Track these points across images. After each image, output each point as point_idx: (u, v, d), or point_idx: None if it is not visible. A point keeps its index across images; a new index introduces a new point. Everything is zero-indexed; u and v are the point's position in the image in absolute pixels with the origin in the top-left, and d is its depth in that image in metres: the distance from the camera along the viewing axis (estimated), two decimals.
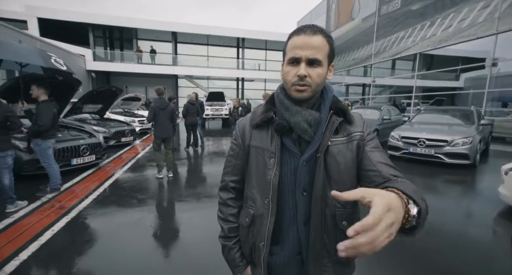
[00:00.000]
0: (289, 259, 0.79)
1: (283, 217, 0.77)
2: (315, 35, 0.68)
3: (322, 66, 0.69)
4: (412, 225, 0.49)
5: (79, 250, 2.30)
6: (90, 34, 16.47)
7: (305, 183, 0.74)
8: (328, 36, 0.71)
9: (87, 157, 4.57)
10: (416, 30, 10.07)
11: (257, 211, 0.79)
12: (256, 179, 0.80)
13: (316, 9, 18.85)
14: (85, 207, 3.19)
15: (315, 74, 0.69)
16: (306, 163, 0.74)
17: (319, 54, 0.68)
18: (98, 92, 6.57)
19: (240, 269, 0.87)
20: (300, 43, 0.69)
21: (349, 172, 0.74)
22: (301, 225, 0.75)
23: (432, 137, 5.31)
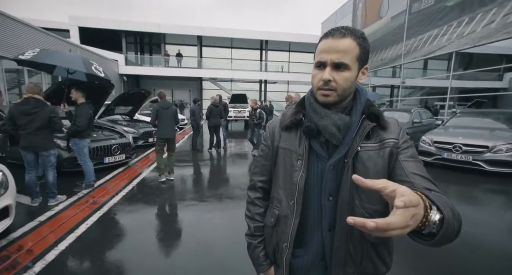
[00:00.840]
0: (312, 264, 0.78)
1: (308, 220, 0.77)
2: (343, 38, 0.66)
3: (349, 70, 0.67)
4: (431, 231, 0.48)
5: (109, 243, 2.44)
6: (123, 40, 17.59)
7: (331, 188, 0.73)
8: (359, 37, 0.68)
9: (117, 156, 4.87)
10: (452, 27, 9.37)
11: (282, 212, 0.80)
12: (282, 180, 0.81)
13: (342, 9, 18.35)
14: (115, 203, 3.39)
15: (341, 79, 0.67)
16: (333, 167, 0.72)
17: (346, 57, 0.66)
18: (129, 94, 6.98)
19: (263, 268, 0.88)
20: (326, 46, 0.67)
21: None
22: (326, 231, 0.74)
23: (470, 142, 4.89)
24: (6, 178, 2.47)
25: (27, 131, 3.03)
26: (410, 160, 0.70)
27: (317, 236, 0.76)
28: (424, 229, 0.47)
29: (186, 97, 20.89)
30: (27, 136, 3.05)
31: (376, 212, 0.70)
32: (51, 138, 3.29)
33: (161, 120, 4.19)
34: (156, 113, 4.15)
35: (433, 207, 0.49)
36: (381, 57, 13.23)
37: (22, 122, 3.01)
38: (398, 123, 0.76)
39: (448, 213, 0.50)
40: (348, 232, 0.71)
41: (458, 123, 6.05)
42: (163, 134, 4.26)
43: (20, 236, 2.51)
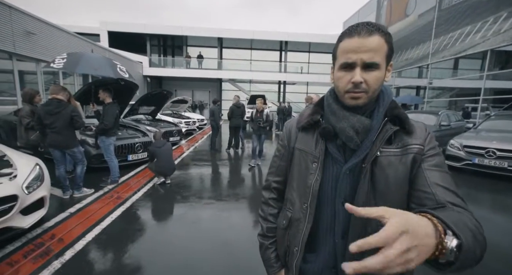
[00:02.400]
0: (323, 271, 0.75)
1: (321, 225, 0.74)
2: (371, 36, 0.61)
3: (380, 69, 0.63)
4: (449, 260, 0.43)
5: (132, 237, 2.57)
6: (147, 42, 18.39)
7: (346, 193, 0.69)
8: (385, 33, 0.63)
9: (140, 154, 5.09)
10: (488, 23, 8.73)
11: (295, 215, 0.78)
12: (297, 182, 0.79)
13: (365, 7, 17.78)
14: (137, 199, 3.55)
15: (373, 79, 0.63)
16: (350, 172, 0.68)
17: (377, 56, 0.61)
18: (152, 95, 7.28)
19: (274, 270, 0.87)
20: (353, 46, 0.62)
21: (398, 188, 0.65)
22: (339, 238, 0.70)
23: (506, 147, 4.53)
24: (42, 172, 2.68)
25: (53, 130, 3.26)
26: (435, 169, 0.64)
27: (330, 242, 0.73)
28: (442, 258, 0.42)
29: (205, 98, 21.34)
30: (52, 134, 3.28)
31: None
32: (74, 136, 3.48)
33: (159, 158, 4.06)
34: (152, 155, 4.09)
35: (448, 232, 0.44)
36: (406, 57, 12.64)
37: (48, 121, 3.24)
38: (426, 127, 0.70)
39: (468, 237, 0.44)
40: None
41: (492, 127, 5.62)
42: (163, 171, 4.15)
43: (53, 225, 2.71)
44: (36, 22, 7.40)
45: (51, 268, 2.03)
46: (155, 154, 4.07)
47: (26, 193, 2.37)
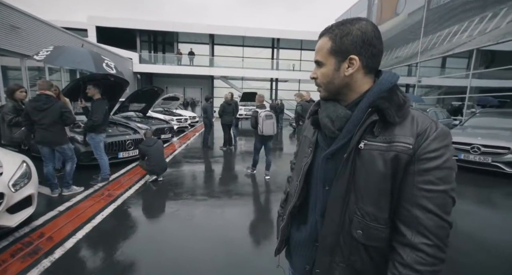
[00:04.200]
0: (306, 242, 0.83)
1: (308, 203, 0.84)
2: (320, 38, 0.73)
3: (324, 65, 0.71)
4: None
5: (124, 234, 2.53)
6: (137, 38, 17.99)
7: (326, 178, 0.75)
8: (333, 30, 0.69)
9: (131, 151, 5.02)
10: (474, 23, 8.98)
11: (290, 190, 0.93)
12: (297, 164, 0.92)
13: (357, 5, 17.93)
14: (129, 196, 3.50)
15: (320, 75, 0.74)
16: (331, 159, 0.73)
17: (318, 55, 0.72)
18: (142, 91, 7.16)
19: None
20: None
21: (377, 185, 0.65)
22: (319, 216, 0.78)
23: (490, 143, 4.70)
24: (30, 169, 2.61)
25: (41, 126, 3.17)
26: (425, 187, 0.60)
27: (313, 219, 0.80)
28: None
29: (197, 95, 21.14)
30: (41, 131, 3.19)
31: (367, 214, 0.66)
32: (64, 133, 3.41)
33: (151, 157, 4.02)
34: (143, 153, 4.06)
35: None
36: (396, 55, 12.87)
37: (36, 117, 3.15)
38: (430, 124, 0.62)
39: None
40: (339, 224, 0.70)
41: (477, 124, 5.82)
42: (155, 170, 4.08)
43: (41, 224, 2.65)
44: (21, 16, 7.12)
45: (40, 267, 1.98)
46: (146, 153, 4.02)
47: (12, 191, 2.30)
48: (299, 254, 0.86)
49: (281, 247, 0.93)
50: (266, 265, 2.10)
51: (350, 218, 0.69)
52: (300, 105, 5.63)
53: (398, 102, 0.65)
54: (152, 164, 3.99)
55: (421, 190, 0.60)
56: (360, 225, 0.68)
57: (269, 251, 2.29)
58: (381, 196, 0.65)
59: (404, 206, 0.63)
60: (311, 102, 6.11)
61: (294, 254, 0.89)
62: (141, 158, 4.14)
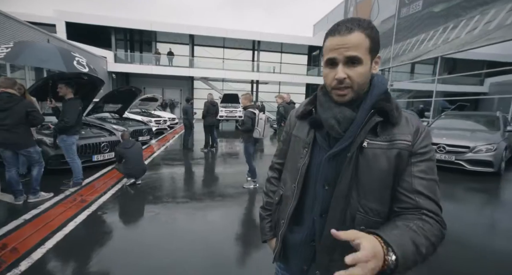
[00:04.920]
0: (303, 242, 0.82)
1: (305, 203, 0.82)
2: (351, 33, 0.64)
3: (362, 64, 0.66)
4: (391, 268, 0.54)
5: (99, 241, 2.40)
6: (112, 36, 17.20)
7: (328, 178, 0.74)
8: (366, 28, 0.66)
9: (107, 154, 4.77)
10: (438, 32, 9.74)
11: (285, 192, 0.88)
12: (290, 165, 0.88)
13: (333, 11, 18.69)
14: (104, 201, 3.33)
15: (355, 74, 0.66)
16: (333, 159, 0.73)
17: (358, 51, 0.64)
18: (118, 92, 6.85)
19: (266, 237, 0.99)
20: (335, 44, 0.66)
21: (381, 181, 0.69)
22: (317, 216, 0.77)
23: (453, 142, 5.11)
24: None
25: (3, 127, 2.90)
26: (422, 176, 0.67)
27: (310, 219, 0.80)
28: (386, 269, 0.53)
29: (177, 96, 20.64)
30: (2, 133, 2.92)
31: (371, 210, 0.70)
32: (29, 134, 3.15)
33: (128, 159, 3.85)
34: (120, 156, 3.89)
35: (389, 249, 0.54)
36: None
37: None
38: (420, 124, 0.70)
39: (406, 251, 0.56)
40: (341, 222, 0.72)
41: (442, 125, 6.29)
42: (133, 173, 3.91)
43: (3, 234, 2.43)
44: None
45: None
46: (123, 155, 3.85)
47: None
48: (296, 255, 0.85)
49: (280, 252, 0.89)
50: (250, 267, 2.11)
51: (353, 215, 0.71)
52: (282, 106, 5.73)
53: (396, 104, 0.70)
54: (130, 167, 3.83)
55: (418, 178, 0.67)
56: (363, 221, 0.70)
57: (254, 253, 2.31)
58: (384, 191, 0.69)
59: (405, 194, 0.67)
60: (291, 104, 6.25)
61: (290, 256, 0.87)
62: (118, 161, 3.95)
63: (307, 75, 20.81)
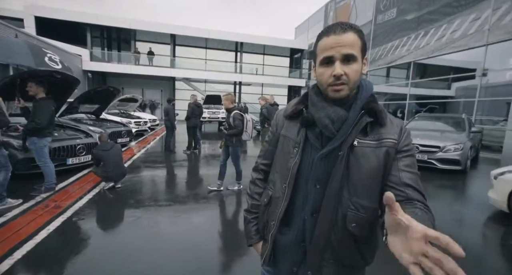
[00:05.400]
0: (293, 244, 0.81)
1: (295, 203, 0.81)
2: (345, 33, 0.68)
3: (357, 61, 0.69)
4: None
5: (75, 249, 2.28)
6: (87, 34, 16.38)
7: (319, 177, 0.75)
8: (358, 30, 0.70)
9: (83, 157, 4.54)
10: (411, 39, 10.36)
11: (275, 193, 0.86)
12: (279, 165, 0.86)
13: (314, 16, 19.19)
14: (81, 206, 3.16)
15: (352, 71, 0.68)
16: (324, 158, 0.74)
17: (354, 49, 0.68)
18: (95, 92, 6.53)
19: (252, 241, 0.95)
20: (331, 42, 0.68)
21: (371, 178, 0.72)
22: (308, 215, 0.77)
23: (425, 143, 5.44)
24: None
25: None
26: (407, 169, 0.71)
27: (300, 219, 0.79)
28: None
29: (157, 97, 20.09)
30: None
31: (362, 207, 0.72)
32: None
33: (107, 162, 3.68)
34: (98, 158, 3.70)
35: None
36: None
37: None
38: (402, 124, 0.75)
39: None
40: (332, 221, 0.73)
41: (415, 126, 6.67)
42: (112, 176, 3.75)
43: None
44: None
45: None
46: (101, 158, 3.68)
47: None
48: (285, 257, 0.84)
49: (270, 255, 0.87)
50: (236, 271, 2.11)
51: (344, 213, 0.73)
52: (266, 108, 5.78)
53: (381, 105, 0.75)
54: (109, 170, 3.67)
55: (405, 172, 0.71)
56: (354, 218, 0.72)
57: (240, 257, 2.30)
58: (374, 188, 0.72)
59: (395, 188, 0.70)
60: (275, 105, 6.32)
61: (280, 258, 0.86)
62: (96, 164, 3.77)
63: (289, 77, 21.15)
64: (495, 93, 8.68)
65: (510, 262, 2.40)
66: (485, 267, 2.30)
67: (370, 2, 12.66)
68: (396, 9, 11.08)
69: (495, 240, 2.85)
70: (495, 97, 8.64)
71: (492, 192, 3.28)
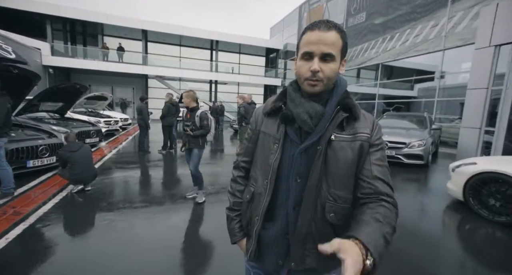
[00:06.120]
0: (277, 237, 0.84)
1: (278, 198, 0.83)
2: (329, 31, 0.71)
3: (335, 61, 0.72)
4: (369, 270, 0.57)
5: (40, 258, 2.10)
6: (47, 26, 15.04)
7: (300, 171, 0.78)
8: (342, 31, 0.73)
9: (46, 159, 4.18)
10: (379, 42, 11.03)
11: (257, 189, 0.87)
12: (260, 161, 0.88)
13: (289, 16, 19.57)
14: (45, 212, 2.91)
15: (328, 69, 0.72)
16: (304, 152, 0.77)
17: (333, 49, 0.71)
18: (59, 89, 6.03)
19: (236, 238, 0.95)
20: (314, 38, 0.71)
21: (347, 170, 0.76)
22: (291, 208, 0.80)
23: (393, 139, 5.84)
24: None
25: None
26: (378, 163, 0.77)
27: (283, 213, 0.82)
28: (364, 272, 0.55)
29: (129, 95, 19.13)
30: None
31: (339, 198, 0.77)
32: None
33: (76, 164, 3.42)
34: (64, 160, 3.43)
35: (368, 252, 0.57)
36: None
37: None
38: (374, 119, 0.81)
39: (380, 249, 0.59)
40: (312, 212, 0.77)
41: (384, 124, 7.12)
42: (81, 178, 3.50)
43: None
44: None
45: None
46: (68, 159, 3.42)
47: None
48: (270, 251, 0.86)
49: (256, 250, 0.88)
50: (219, 268, 2.10)
51: (322, 204, 0.77)
52: (243, 106, 5.78)
53: (355, 101, 0.79)
54: (78, 172, 3.42)
55: (376, 165, 0.77)
56: (332, 208, 0.77)
57: (222, 254, 2.29)
58: (350, 179, 0.78)
59: (367, 181, 0.76)
60: (252, 104, 6.36)
61: (265, 253, 0.87)
62: (62, 165, 3.50)
63: (265, 77, 21.36)
64: (451, 94, 9.58)
65: (465, 244, 2.68)
66: (444, 249, 2.55)
67: (342, 5, 13.24)
68: (365, 13, 11.72)
69: (452, 225, 3.16)
70: (451, 97, 9.55)
71: (450, 183, 3.63)
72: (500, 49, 5.35)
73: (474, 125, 5.79)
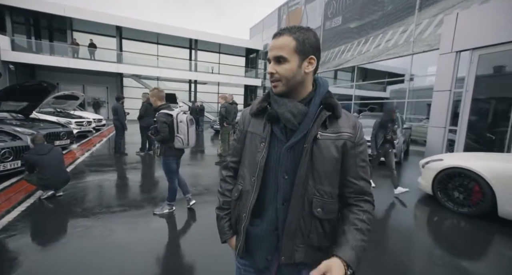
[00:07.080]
0: (266, 233, 0.86)
1: (266, 194, 0.86)
2: (280, 36, 0.78)
3: (288, 61, 0.77)
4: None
5: (6, 271, 1.93)
6: (7, 18, 13.78)
7: (287, 168, 0.81)
8: (294, 32, 0.77)
9: (9, 163, 3.85)
10: (354, 45, 11.51)
11: (245, 187, 0.90)
12: (248, 160, 0.91)
13: (268, 18, 19.77)
14: (10, 221, 2.68)
15: (282, 70, 0.78)
16: (290, 150, 0.81)
17: (283, 51, 0.77)
18: (22, 87, 5.56)
19: (226, 236, 0.97)
20: (270, 46, 0.81)
21: (332, 167, 0.81)
22: (280, 204, 0.83)
23: (368, 139, 6.13)
24: None
25: None
26: (363, 164, 0.84)
27: (272, 209, 0.85)
28: None
29: (102, 94, 18.14)
30: None
31: (325, 193, 0.81)
32: None
33: (45, 168, 3.17)
34: (32, 164, 3.17)
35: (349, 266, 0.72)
36: None
37: None
38: (356, 120, 0.85)
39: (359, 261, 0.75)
40: (301, 208, 0.80)
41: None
42: (51, 183, 3.26)
43: None
44: None
45: None
46: (36, 163, 3.17)
47: None
48: (259, 247, 0.88)
49: (243, 247, 0.90)
50: (207, 270, 2.07)
51: (309, 199, 0.81)
52: (224, 107, 5.74)
53: (337, 100, 0.84)
54: (47, 177, 3.19)
55: (359, 167, 0.84)
56: (319, 203, 0.81)
57: (208, 256, 2.26)
58: (335, 176, 0.83)
59: (353, 182, 0.84)
60: (233, 104, 6.33)
61: (254, 249, 0.89)
62: (28, 170, 3.24)
63: (245, 77, 21.37)
64: (420, 95, 10.28)
65: (434, 234, 2.90)
66: (415, 239, 2.74)
67: (319, 8, 13.64)
68: (341, 17, 12.18)
69: (423, 217, 3.40)
70: (420, 99, 10.25)
71: (421, 179, 3.90)
72: (461, 55, 5.85)
73: (440, 124, 6.26)
